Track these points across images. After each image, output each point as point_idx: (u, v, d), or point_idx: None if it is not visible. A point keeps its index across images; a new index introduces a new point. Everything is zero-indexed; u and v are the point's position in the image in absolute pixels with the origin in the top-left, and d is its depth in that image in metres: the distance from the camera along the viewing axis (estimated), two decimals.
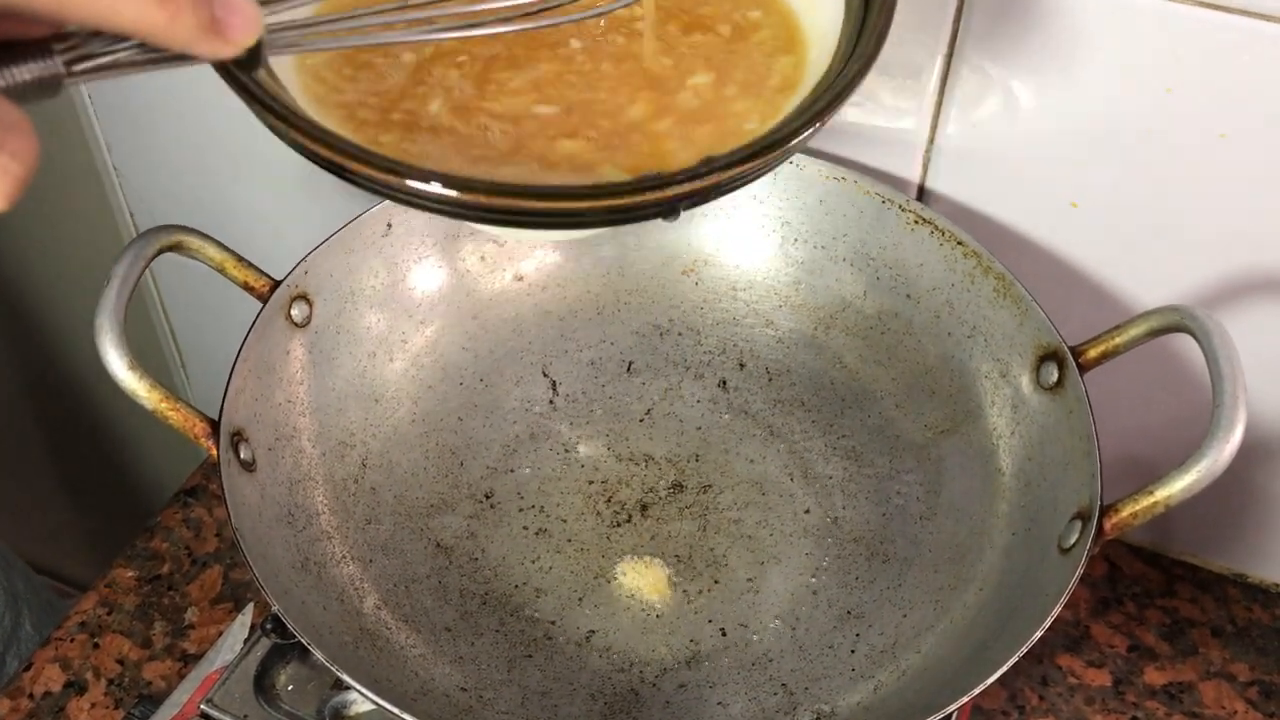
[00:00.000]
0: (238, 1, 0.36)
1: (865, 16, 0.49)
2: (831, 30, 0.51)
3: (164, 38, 0.35)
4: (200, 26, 0.35)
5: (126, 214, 0.98)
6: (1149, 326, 0.59)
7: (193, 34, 0.35)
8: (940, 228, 0.68)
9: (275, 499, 0.62)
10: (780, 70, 0.52)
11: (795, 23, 0.54)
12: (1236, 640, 0.73)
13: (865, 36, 0.49)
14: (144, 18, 0.34)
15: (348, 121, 0.49)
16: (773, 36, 0.54)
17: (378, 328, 0.71)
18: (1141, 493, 0.54)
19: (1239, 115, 0.60)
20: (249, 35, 0.37)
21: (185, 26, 0.35)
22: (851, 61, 0.48)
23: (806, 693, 0.61)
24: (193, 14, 0.35)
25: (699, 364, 0.74)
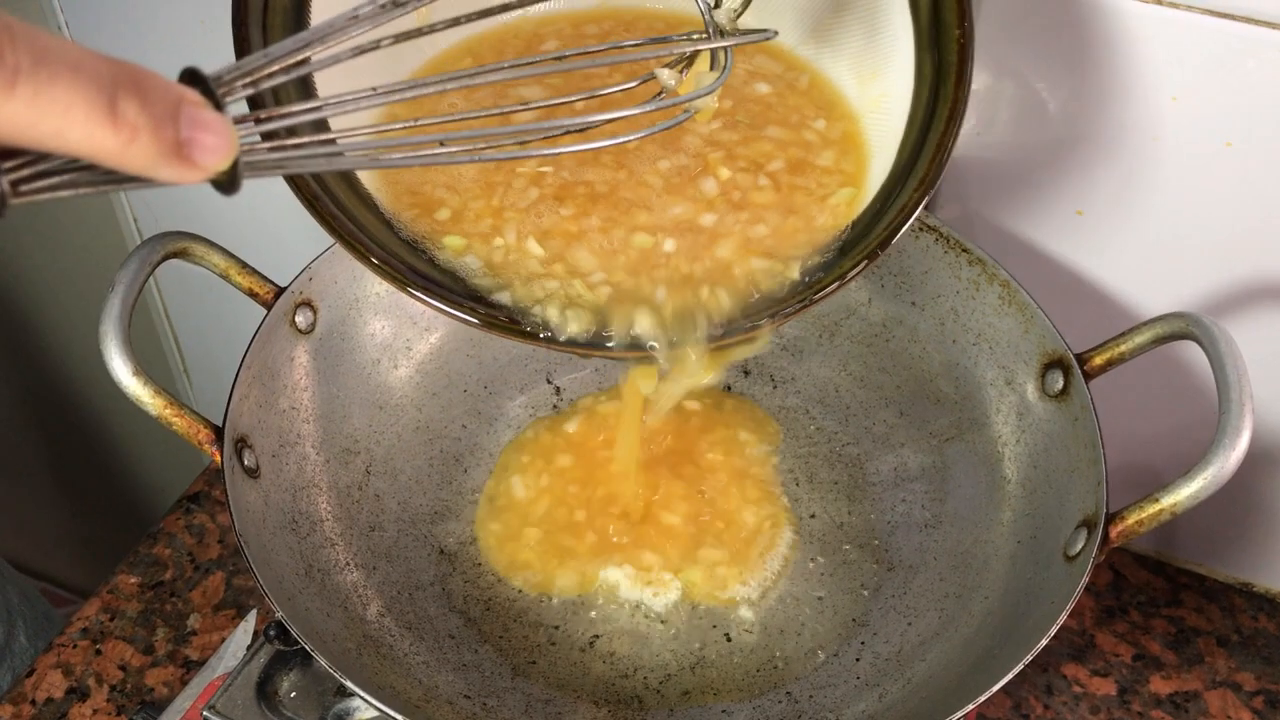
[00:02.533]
0: (208, 119, 0.31)
1: (926, 137, 0.50)
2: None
3: (119, 163, 0.30)
4: (161, 150, 0.30)
5: (131, 220, 0.98)
6: (1154, 334, 0.59)
7: (152, 159, 0.30)
8: (945, 235, 0.68)
9: (279, 505, 0.62)
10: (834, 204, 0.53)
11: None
12: (1242, 649, 0.73)
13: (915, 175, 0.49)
14: (94, 141, 0.29)
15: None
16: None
17: (382, 335, 0.71)
18: (1147, 500, 0.54)
19: (1244, 123, 0.60)
20: (220, 159, 0.32)
21: (143, 151, 0.30)
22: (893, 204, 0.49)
23: (811, 700, 0.61)
24: (152, 137, 0.30)
25: None
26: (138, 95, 0.29)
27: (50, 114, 0.28)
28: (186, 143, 0.31)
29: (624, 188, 0.51)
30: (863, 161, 0.52)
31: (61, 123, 0.28)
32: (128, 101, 0.29)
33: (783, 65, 0.58)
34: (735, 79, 0.56)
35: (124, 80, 0.29)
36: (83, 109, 0.28)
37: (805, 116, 0.55)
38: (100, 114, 0.29)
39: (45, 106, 0.28)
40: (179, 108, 0.30)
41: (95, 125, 0.29)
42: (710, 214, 0.51)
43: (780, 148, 0.53)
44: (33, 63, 0.28)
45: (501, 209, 0.50)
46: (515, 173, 0.51)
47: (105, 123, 0.29)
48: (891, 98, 0.53)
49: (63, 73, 0.28)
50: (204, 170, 0.31)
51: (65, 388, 1.23)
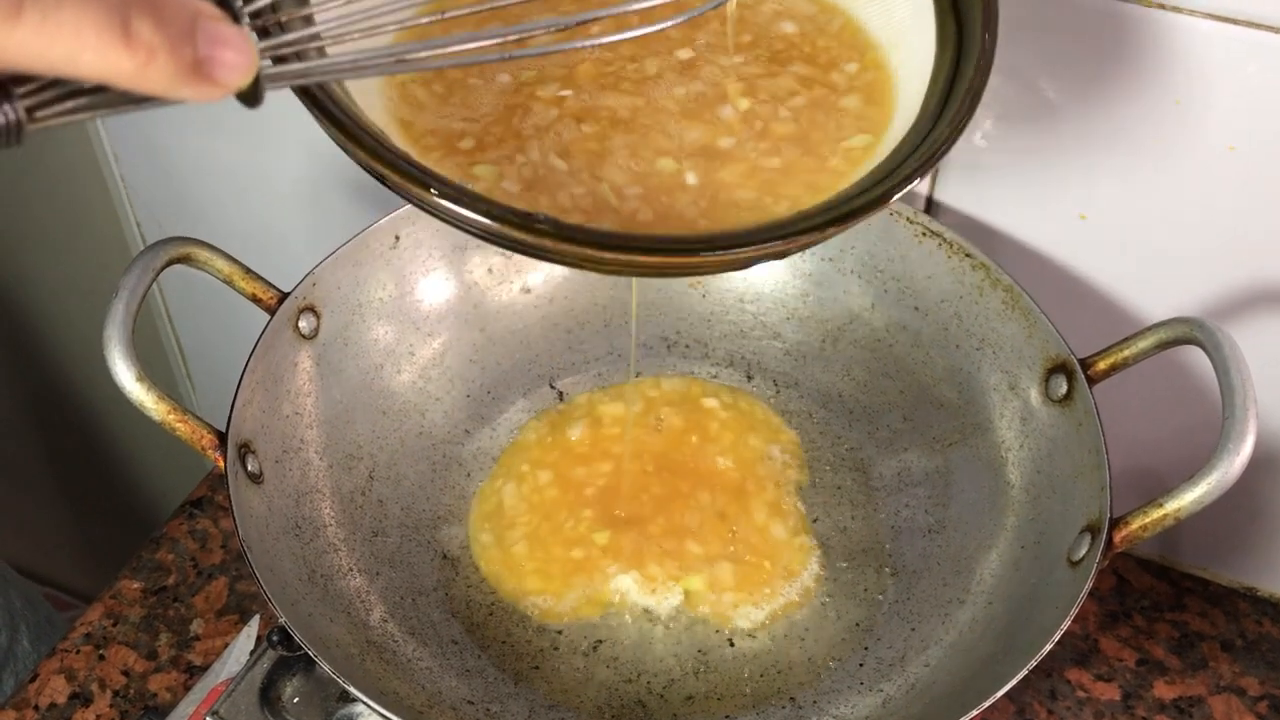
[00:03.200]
0: (227, 34, 0.30)
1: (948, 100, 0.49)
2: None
3: (137, 84, 0.29)
4: (180, 70, 0.29)
5: (134, 226, 0.98)
6: (1158, 339, 0.59)
7: (171, 78, 0.29)
8: (948, 240, 0.68)
9: (282, 511, 0.62)
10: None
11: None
12: (1246, 654, 0.73)
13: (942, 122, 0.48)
14: (108, 65, 0.28)
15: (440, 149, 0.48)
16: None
17: (385, 340, 0.71)
18: (1151, 505, 0.54)
19: (1247, 127, 0.60)
20: (240, 75, 0.31)
21: (161, 71, 0.29)
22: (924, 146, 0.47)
23: (814, 706, 0.61)
24: (169, 57, 0.29)
25: (706, 376, 0.74)
26: (151, 13, 0.28)
27: (60, 38, 0.27)
28: (206, 60, 0.30)
29: (643, 114, 0.51)
30: (887, 112, 0.51)
31: (73, 46, 0.28)
32: (141, 20, 0.28)
33: (816, 7, 0.56)
34: (761, 17, 0.55)
35: (135, 1, 0.28)
36: (93, 31, 0.28)
37: (835, 58, 0.54)
38: (114, 35, 0.28)
39: (54, 30, 0.27)
40: (195, 24, 0.29)
41: (109, 47, 0.28)
42: (728, 138, 0.50)
43: (805, 84, 0.53)
44: None
45: (521, 131, 0.49)
46: (535, 96, 0.51)
47: (119, 44, 0.28)
48: (917, 54, 0.52)
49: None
50: (225, 87, 0.31)
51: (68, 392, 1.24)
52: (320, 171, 0.86)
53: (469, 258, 0.73)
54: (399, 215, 0.70)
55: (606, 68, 0.52)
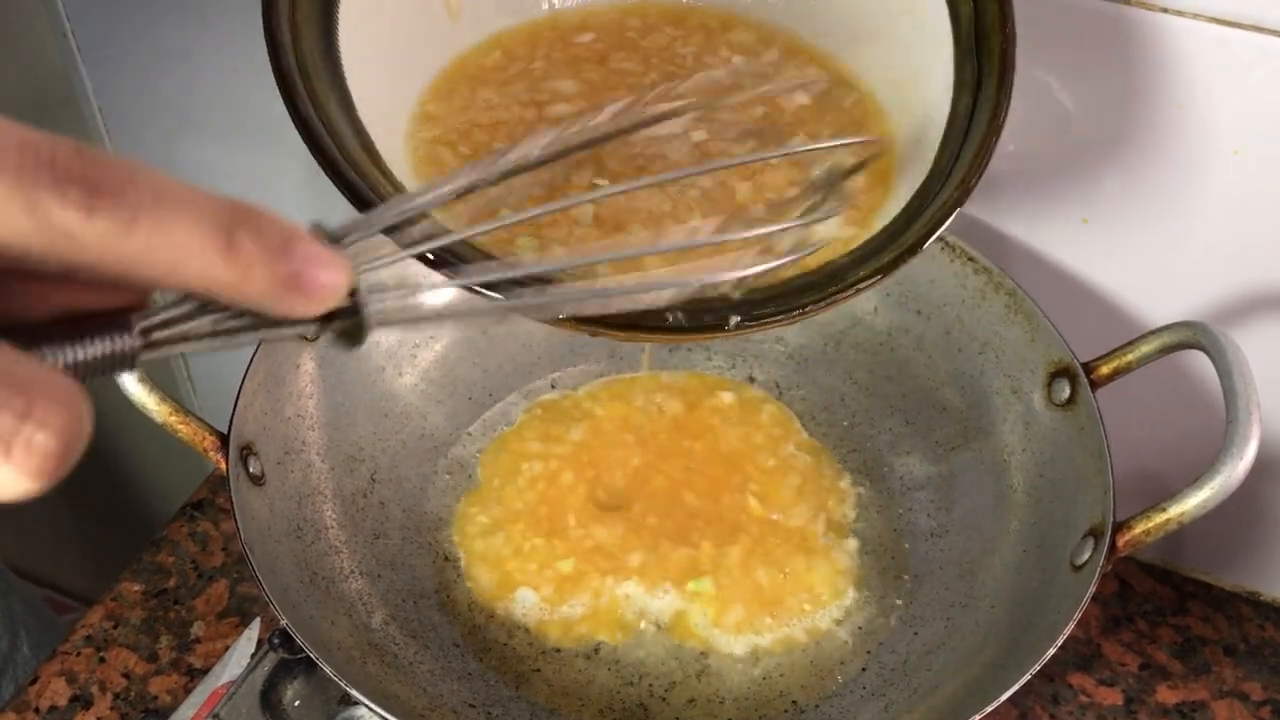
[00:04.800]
0: (320, 253, 0.31)
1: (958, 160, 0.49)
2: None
3: (236, 294, 0.30)
4: (275, 281, 0.30)
5: None
6: (1162, 343, 0.59)
7: (267, 289, 0.30)
8: (951, 243, 0.68)
9: (284, 513, 0.62)
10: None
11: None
12: (1249, 659, 0.73)
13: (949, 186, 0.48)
14: (211, 273, 0.30)
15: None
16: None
17: (387, 342, 0.71)
18: (1154, 510, 0.54)
19: (1251, 131, 0.60)
20: (333, 291, 0.32)
21: (259, 282, 0.30)
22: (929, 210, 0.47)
23: (817, 710, 0.61)
24: (266, 269, 0.30)
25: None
26: (252, 229, 0.30)
27: (169, 248, 0.29)
28: (300, 274, 0.31)
29: (669, 217, 0.51)
30: (885, 193, 0.51)
31: (180, 256, 0.29)
32: (243, 235, 0.30)
33: (834, 79, 0.57)
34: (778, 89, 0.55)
35: (240, 216, 0.30)
36: (199, 243, 0.29)
37: (841, 135, 0.54)
38: (218, 247, 0.29)
39: (164, 241, 0.29)
40: (292, 242, 0.31)
41: (212, 257, 0.29)
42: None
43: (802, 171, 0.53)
44: (154, 201, 0.28)
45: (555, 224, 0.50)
46: (570, 183, 0.51)
47: (222, 255, 0.29)
48: (930, 104, 0.52)
49: (182, 210, 0.29)
50: (319, 301, 0.32)
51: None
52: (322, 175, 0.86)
53: None
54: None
55: (632, 148, 0.52)
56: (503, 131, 0.52)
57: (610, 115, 0.44)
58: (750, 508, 0.67)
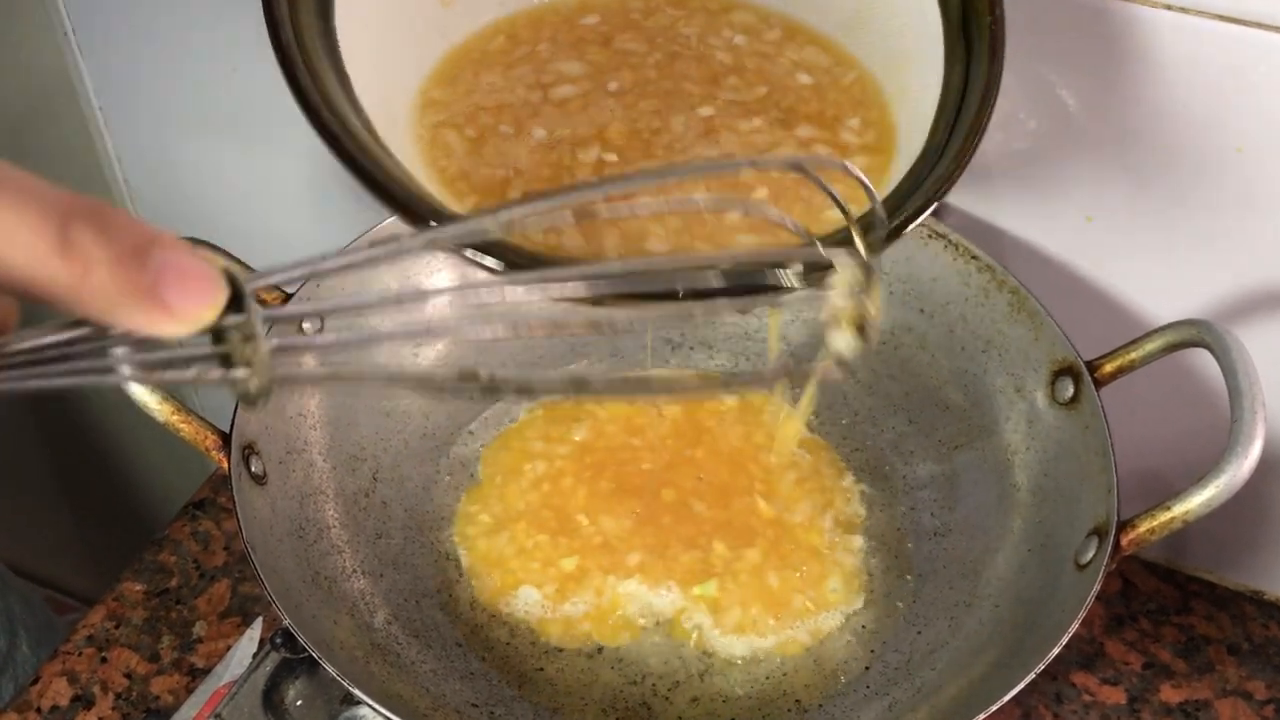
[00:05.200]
0: (185, 262, 0.27)
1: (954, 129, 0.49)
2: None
3: (77, 300, 0.27)
4: (125, 289, 0.26)
5: None
6: (1166, 341, 0.59)
7: (113, 296, 0.26)
8: (954, 242, 0.68)
9: (286, 512, 0.62)
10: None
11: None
12: (1253, 658, 0.73)
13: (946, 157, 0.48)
14: (42, 270, 0.26)
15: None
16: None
17: (389, 341, 0.70)
18: (1159, 508, 0.54)
19: (1255, 129, 0.60)
20: (200, 304, 0.28)
21: (102, 288, 0.26)
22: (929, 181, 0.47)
23: (820, 710, 0.60)
24: (111, 272, 0.26)
25: None
26: (95, 226, 0.27)
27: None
28: (157, 282, 0.27)
29: (675, 190, 0.51)
30: (886, 161, 0.52)
31: (4, 246, 0.26)
32: (82, 231, 0.26)
33: (831, 59, 0.57)
34: (779, 68, 0.56)
35: (80, 210, 0.27)
36: (26, 233, 0.26)
37: (842, 114, 0.54)
38: (48, 240, 0.26)
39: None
40: (149, 246, 0.27)
41: (42, 251, 0.26)
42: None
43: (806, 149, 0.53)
44: None
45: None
46: (577, 159, 0.51)
47: (54, 250, 0.26)
48: (923, 86, 0.52)
49: (7, 194, 0.26)
50: (182, 317, 0.27)
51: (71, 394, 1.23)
52: (323, 173, 0.86)
53: None
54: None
55: (636, 124, 0.52)
56: (508, 114, 0.52)
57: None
58: (760, 510, 0.67)
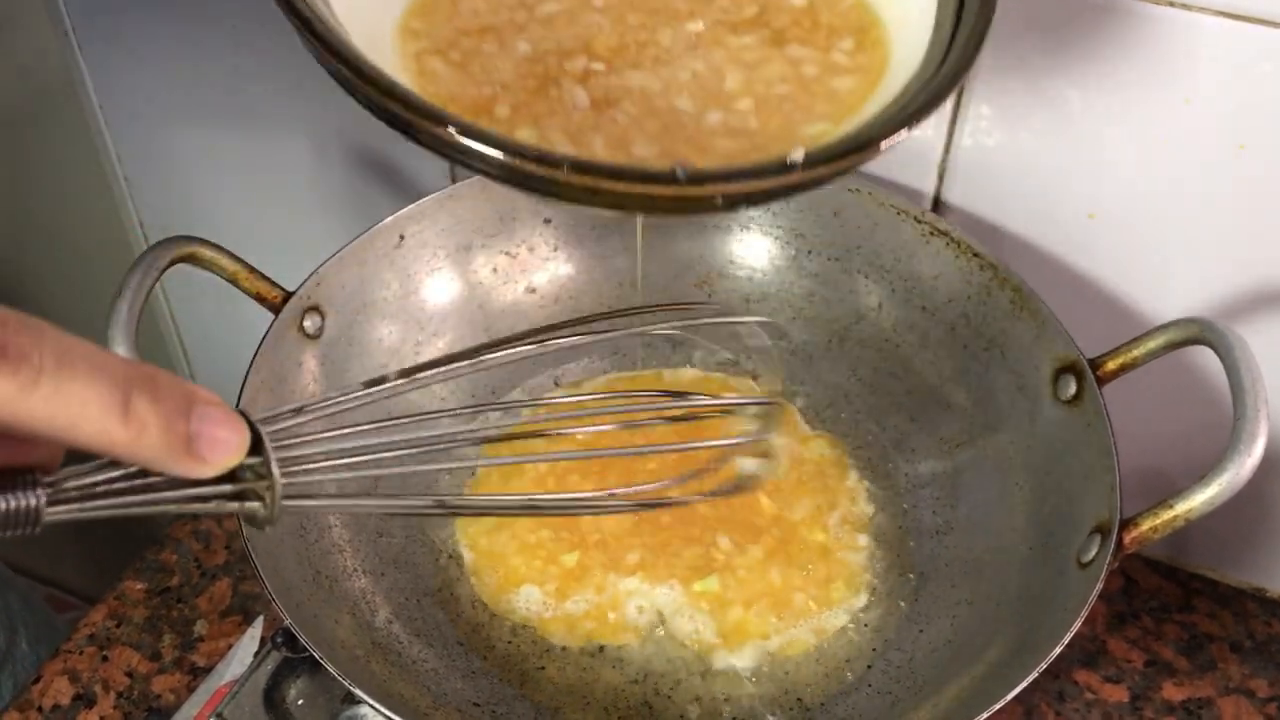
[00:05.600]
0: (216, 415, 0.34)
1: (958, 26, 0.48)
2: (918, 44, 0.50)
3: (131, 455, 0.33)
4: (170, 444, 0.33)
5: (137, 225, 0.98)
6: (1168, 339, 0.59)
7: (160, 451, 0.33)
8: (956, 239, 0.67)
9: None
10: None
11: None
12: (1256, 655, 0.73)
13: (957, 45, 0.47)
14: (106, 435, 0.32)
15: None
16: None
17: (390, 340, 0.70)
18: (1161, 506, 0.54)
19: (1258, 126, 0.60)
20: (228, 454, 0.34)
21: (152, 444, 0.32)
22: (944, 67, 0.47)
23: (822, 708, 0.60)
24: (161, 432, 0.32)
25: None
26: (150, 392, 0.32)
27: (67, 408, 0.31)
28: (196, 435, 0.33)
29: (659, 98, 0.51)
30: (874, 82, 0.51)
31: (77, 416, 0.31)
32: (139, 398, 0.32)
33: None
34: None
35: (138, 379, 0.32)
36: (97, 405, 0.31)
37: (835, 37, 0.53)
38: (115, 410, 0.31)
39: (64, 401, 0.31)
40: (190, 408, 0.33)
41: (108, 420, 0.31)
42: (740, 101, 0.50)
43: (794, 66, 0.52)
44: (56, 363, 0.31)
45: (554, 104, 0.49)
46: (564, 69, 0.50)
47: (118, 418, 0.31)
48: (922, 12, 0.51)
49: (82, 372, 0.31)
50: (213, 463, 0.34)
51: None
52: (325, 170, 0.85)
53: (474, 257, 0.73)
54: (404, 215, 0.69)
55: (623, 36, 0.52)
56: (491, 37, 0.51)
57: None
58: (763, 508, 0.66)
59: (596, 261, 0.75)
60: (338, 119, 0.82)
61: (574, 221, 0.74)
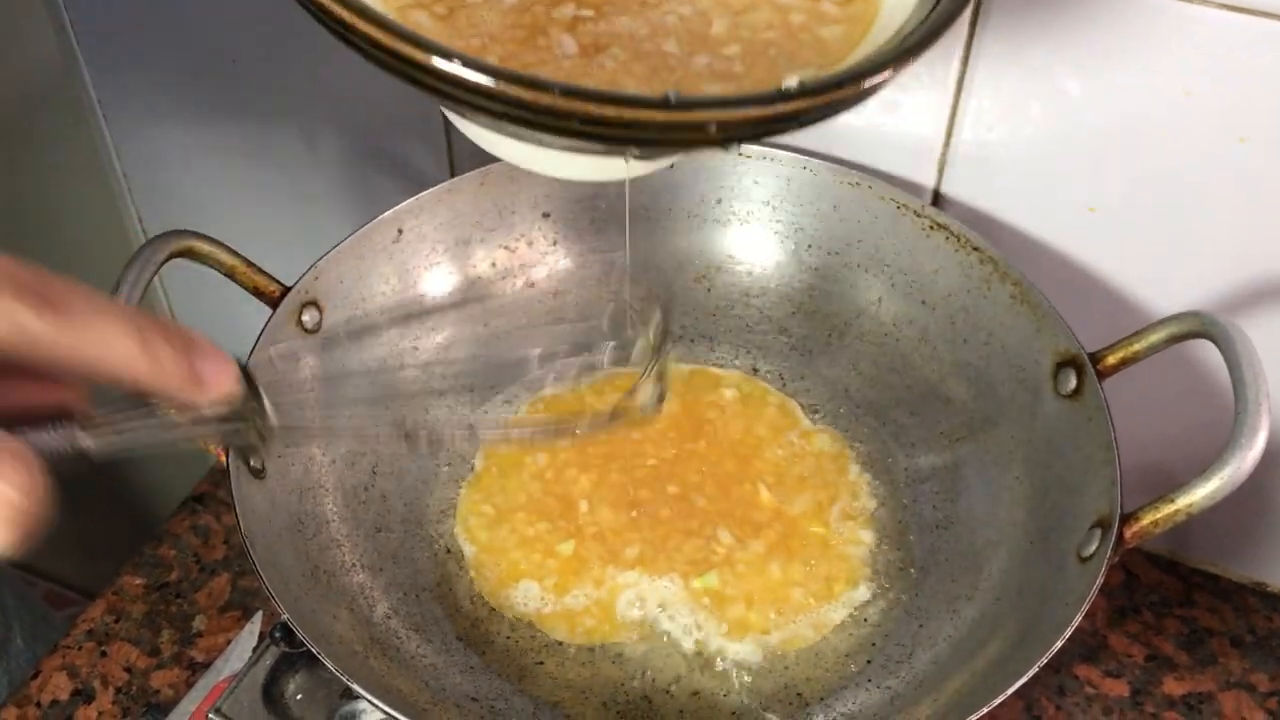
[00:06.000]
0: (211, 351, 0.40)
1: None
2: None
3: (151, 383, 0.38)
4: (181, 374, 0.39)
5: (136, 219, 0.97)
6: (1169, 332, 0.58)
7: (175, 379, 0.39)
8: (956, 233, 0.67)
9: (285, 506, 0.62)
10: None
11: None
12: (1256, 650, 0.73)
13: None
14: (130, 365, 0.38)
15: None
16: None
17: (388, 334, 0.70)
18: (1163, 500, 0.53)
19: (1259, 119, 0.60)
20: (225, 380, 0.40)
21: (168, 373, 0.38)
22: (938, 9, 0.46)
23: (822, 703, 0.60)
24: (172, 362, 0.39)
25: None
26: (158, 332, 0.38)
27: (99, 344, 0.37)
28: (198, 368, 0.39)
29: (646, 42, 0.50)
30: (861, 34, 0.51)
31: (107, 350, 0.37)
32: (152, 336, 0.38)
33: None
34: None
35: (146, 321, 0.38)
36: (120, 339, 0.37)
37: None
38: (135, 343, 0.37)
39: (95, 338, 0.37)
40: (191, 342, 0.39)
41: (130, 351, 0.37)
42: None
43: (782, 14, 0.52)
44: (86, 305, 0.37)
45: (544, 56, 0.49)
46: (552, 18, 0.50)
47: (138, 351, 0.37)
48: None
49: (109, 313, 0.37)
50: (215, 389, 0.40)
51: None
52: (323, 165, 0.85)
53: (472, 251, 0.73)
54: (402, 209, 0.69)
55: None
56: None
57: None
58: (763, 502, 0.66)
59: (595, 256, 0.75)
60: (336, 113, 0.82)
61: (573, 215, 0.74)
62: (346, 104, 0.81)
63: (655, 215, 0.75)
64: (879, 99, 0.67)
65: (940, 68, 0.64)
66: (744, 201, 0.73)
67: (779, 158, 0.71)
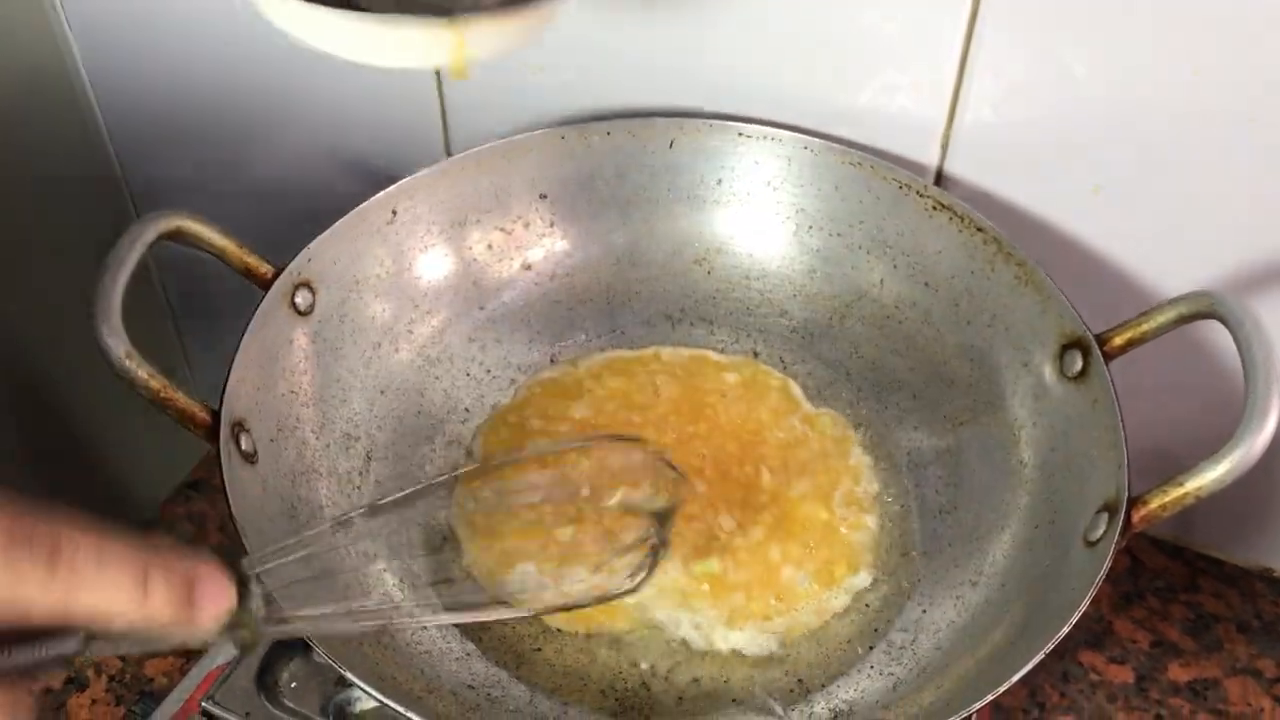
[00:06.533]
0: (208, 574, 0.41)
1: None
2: None
3: (146, 622, 0.40)
4: (175, 614, 0.40)
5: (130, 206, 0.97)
6: (1177, 313, 0.58)
7: (168, 620, 0.40)
8: (959, 214, 0.66)
9: (277, 492, 0.61)
10: None
11: None
12: (1263, 635, 0.72)
13: None
14: (127, 612, 0.39)
15: None
16: None
17: (383, 317, 0.69)
18: (1171, 484, 0.53)
19: (1267, 98, 0.59)
20: (219, 615, 0.41)
21: (161, 615, 0.40)
22: None
23: (823, 690, 0.59)
24: (167, 604, 0.40)
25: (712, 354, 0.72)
26: (161, 574, 0.39)
27: (97, 601, 0.38)
28: (196, 601, 0.41)
29: None
30: None
31: (105, 605, 0.39)
32: (154, 580, 0.39)
33: None
34: None
35: (153, 564, 0.39)
36: (119, 592, 0.39)
37: None
38: (138, 593, 0.39)
39: (92, 595, 0.38)
40: (193, 582, 0.41)
41: (134, 601, 0.39)
42: None
43: None
44: (86, 557, 0.38)
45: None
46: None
47: (139, 599, 0.39)
48: None
49: (113, 563, 0.39)
50: (204, 624, 0.41)
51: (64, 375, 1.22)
52: (317, 145, 0.84)
53: (468, 234, 0.72)
54: (396, 190, 0.68)
55: None
56: None
57: None
58: (765, 487, 0.65)
59: (592, 238, 0.74)
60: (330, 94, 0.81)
61: (570, 196, 0.73)
62: (341, 84, 0.80)
63: (654, 197, 0.74)
64: (881, 81, 0.66)
65: (943, 47, 0.63)
66: (744, 182, 0.72)
67: (780, 138, 0.70)
